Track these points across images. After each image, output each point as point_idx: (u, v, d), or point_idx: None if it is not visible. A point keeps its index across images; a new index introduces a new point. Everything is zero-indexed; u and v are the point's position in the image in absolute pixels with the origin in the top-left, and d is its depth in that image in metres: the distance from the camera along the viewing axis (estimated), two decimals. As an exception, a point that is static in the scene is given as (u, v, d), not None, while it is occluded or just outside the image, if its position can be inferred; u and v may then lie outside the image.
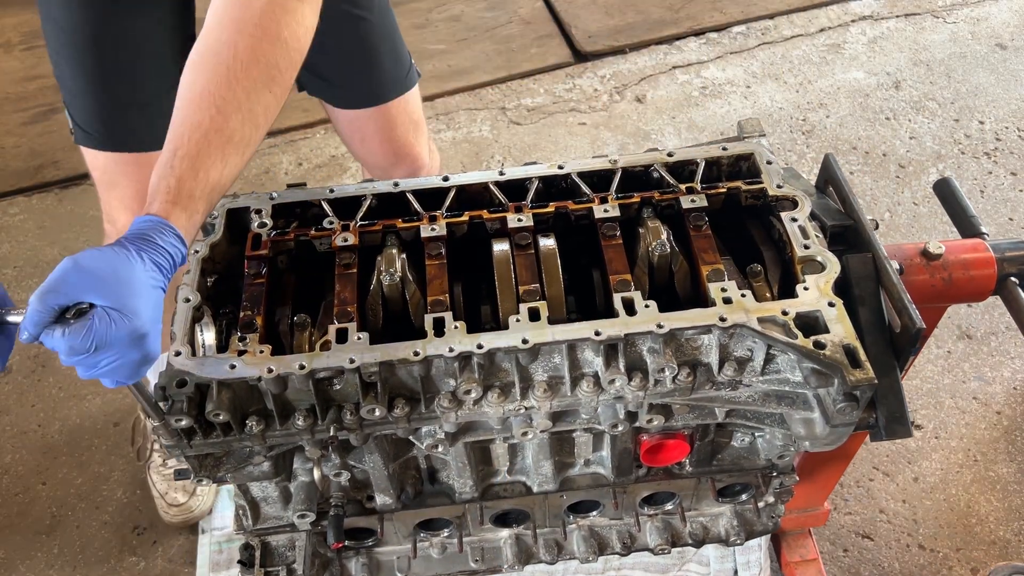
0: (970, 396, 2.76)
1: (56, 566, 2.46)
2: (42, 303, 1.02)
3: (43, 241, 3.34)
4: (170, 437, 1.22)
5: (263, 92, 1.25)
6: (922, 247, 1.53)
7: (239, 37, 1.25)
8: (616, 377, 1.25)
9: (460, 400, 1.26)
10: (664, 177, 1.45)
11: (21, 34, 4.27)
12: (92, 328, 1.02)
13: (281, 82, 1.28)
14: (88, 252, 1.08)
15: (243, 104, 1.22)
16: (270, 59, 1.25)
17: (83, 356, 1.03)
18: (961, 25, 4.06)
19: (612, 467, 1.52)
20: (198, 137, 1.19)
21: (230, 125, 1.21)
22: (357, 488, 1.51)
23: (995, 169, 3.43)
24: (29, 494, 2.61)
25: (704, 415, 1.37)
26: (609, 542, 1.69)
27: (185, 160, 1.18)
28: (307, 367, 1.21)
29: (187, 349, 1.23)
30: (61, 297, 1.02)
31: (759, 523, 1.69)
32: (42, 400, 2.84)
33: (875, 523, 2.48)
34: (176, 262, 1.14)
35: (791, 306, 1.25)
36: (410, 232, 1.42)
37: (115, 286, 1.05)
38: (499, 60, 3.99)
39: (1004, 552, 2.43)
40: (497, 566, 1.69)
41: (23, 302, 1.04)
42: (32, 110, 3.88)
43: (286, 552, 1.57)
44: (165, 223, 1.14)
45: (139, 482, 2.61)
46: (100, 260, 1.07)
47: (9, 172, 3.61)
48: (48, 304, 1.02)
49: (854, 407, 1.20)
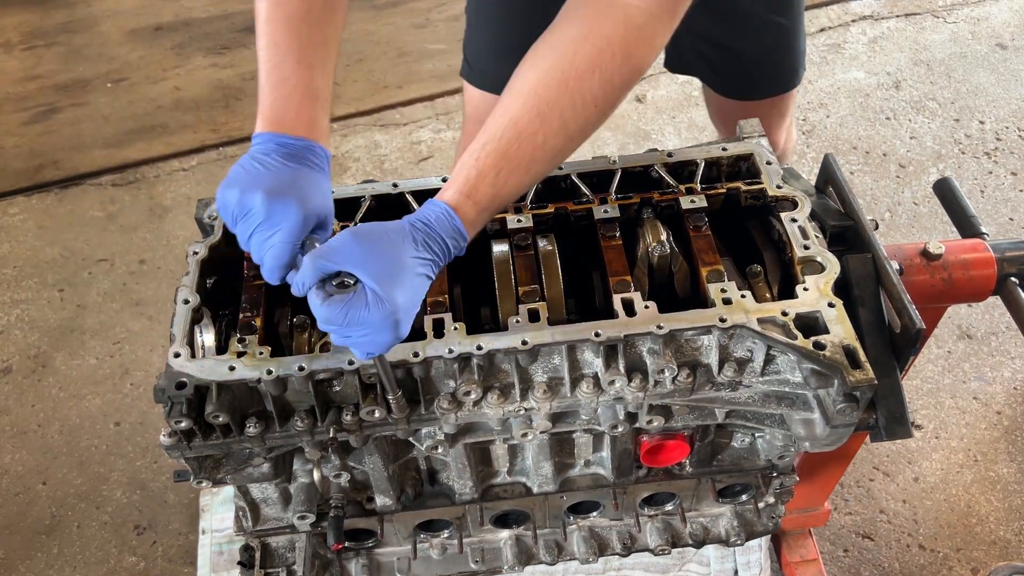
0: (970, 396, 2.75)
1: (56, 566, 2.46)
2: (313, 265, 1.07)
3: (43, 241, 3.34)
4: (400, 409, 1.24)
5: (589, 106, 1.19)
6: (922, 247, 1.53)
7: (583, 44, 1.18)
8: (616, 378, 1.24)
9: (460, 401, 1.26)
10: (664, 177, 1.45)
11: (21, 34, 4.27)
12: (349, 305, 1.06)
13: (610, 100, 1.21)
14: (369, 226, 1.12)
15: (565, 114, 1.18)
16: (607, 74, 1.18)
17: (336, 327, 1.07)
18: (961, 25, 4.06)
19: (612, 468, 1.52)
20: (511, 136, 1.17)
21: (545, 132, 1.17)
22: (357, 489, 1.51)
23: (995, 169, 3.42)
24: (29, 494, 2.61)
25: (704, 416, 1.37)
26: (609, 543, 1.69)
27: (491, 156, 1.16)
28: (306, 368, 1.21)
29: (186, 351, 1.23)
30: (330, 264, 1.07)
31: (759, 523, 1.68)
32: (42, 400, 2.84)
33: (875, 523, 2.48)
34: (451, 254, 1.14)
35: (791, 307, 1.25)
36: (410, 233, 1.42)
37: (382, 267, 1.07)
38: (499, 60, 3.99)
39: (1004, 552, 2.43)
40: (497, 567, 1.69)
41: (23, 301, 1.04)
42: (32, 110, 3.88)
43: (286, 553, 1.57)
44: (451, 213, 1.14)
45: (139, 482, 2.61)
46: (376, 238, 1.10)
47: (9, 172, 3.61)
48: (317, 267, 1.07)
49: (854, 408, 1.20)
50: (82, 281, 3.19)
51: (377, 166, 3.57)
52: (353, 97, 3.86)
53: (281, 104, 1.22)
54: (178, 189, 3.52)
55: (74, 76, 4.04)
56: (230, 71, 4.03)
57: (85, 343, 2.98)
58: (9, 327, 3.03)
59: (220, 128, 3.76)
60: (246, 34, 4.22)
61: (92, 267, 3.23)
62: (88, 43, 4.21)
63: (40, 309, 3.09)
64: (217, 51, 4.14)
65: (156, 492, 2.59)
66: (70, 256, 3.28)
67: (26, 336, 3.01)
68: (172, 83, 3.99)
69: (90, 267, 3.24)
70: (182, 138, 3.72)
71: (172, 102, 3.90)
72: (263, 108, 1.23)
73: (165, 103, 3.89)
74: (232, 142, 3.70)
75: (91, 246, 3.31)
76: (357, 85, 3.92)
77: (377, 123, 3.76)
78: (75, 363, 2.93)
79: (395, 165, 3.57)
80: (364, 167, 3.56)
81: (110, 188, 3.55)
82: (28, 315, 3.07)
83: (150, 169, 3.62)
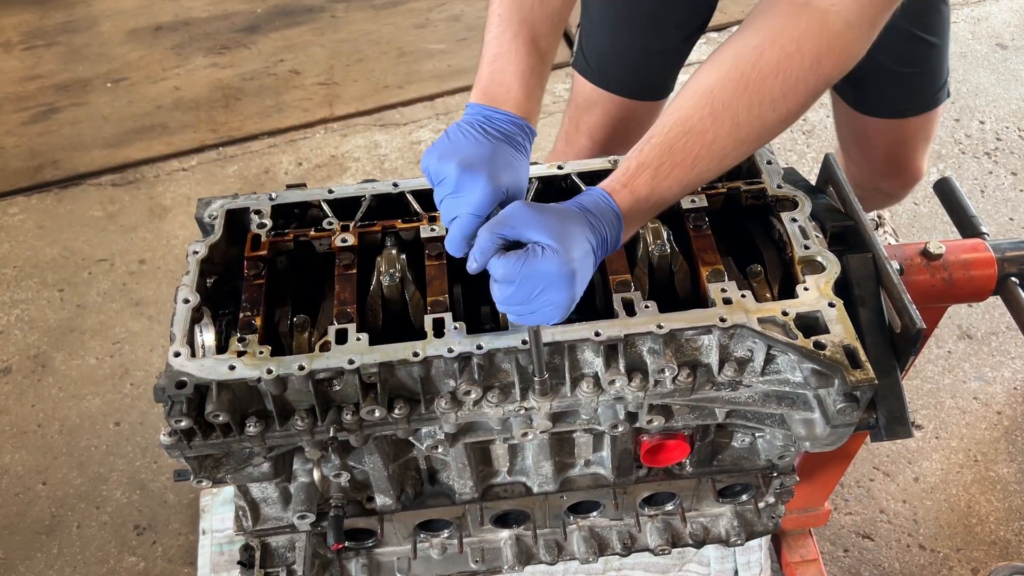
0: (970, 396, 2.75)
1: (56, 566, 2.46)
2: (490, 234, 1.08)
3: (43, 241, 3.34)
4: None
5: (767, 110, 1.15)
6: (922, 247, 1.53)
7: (769, 47, 1.14)
8: (616, 378, 1.24)
9: (460, 401, 1.26)
10: (664, 177, 1.45)
11: (21, 34, 4.27)
12: (526, 256, 1.06)
13: (792, 107, 1.17)
14: (533, 203, 1.12)
15: (740, 115, 1.15)
16: (792, 79, 1.14)
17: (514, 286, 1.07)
18: (961, 25, 4.06)
19: (612, 468, 1.52)
20: (678, 132, 1.15)
21: (716, 131, 1.15)
22: (357, 489, 1.51)
23: (995, 169, 3.42)
24: (29, 494, 2.61)
25: (704, 415, 1.37)
26: (609, 543, 1.69)
27: (656, 149, 1.16)
28: (307, 368, 1.21)
29: (186, 350, 1.23)
30: (507, 230, 1.08)
31: (759, 523, 1.68)
32: (42, 400, 2.84)
33: (875, 523, 2.48)
34: (608, 240, 1.14)
35: (791, 306, 1.25)
36: (410, 232, 1.42)
37: (555, 227, 1.08)
38: (499, 60, 3.99)
39: (1004, 552, 2.43)
40: (497, 567, 1.69)
41: (23, 301, 1.04)
42: (32, 110, 3.88)
43: (286, 553, 1.57)
44: (607, 197, 1.15)
45: (139, 482, 2.61)
46: (547, 209, 1.11)
47: (9, 172, 3.61)
48: (495, 233, 1.07)
49: (854, 407, 1.20)
50: (82, 281, 3.19)
51: (377, 166, 3.57)
52: (353, 97, 3.86)
53: (494, 78, 1.24)
54: (178, 189, 3.52)
55: (74, 76, 4.04)
56: (230, 71, 4.03)
57: (85, 343, 2.98)
58: (9, 327, 3.03)
59: (220, 128, 3.76)
60: (246, 34, 4.22)
61: (92, 267, 3.23)
62: (88, 43, 4.21)
63: (40, 309, 3.09)
64: (217, 51, 4.14)
65: (156, 492, 2.59)
66: (70, 256, 3.28)
67: (26, 336, 3.01)
68: (172, 83, 3.99)
69: (90, 267, 3.24)
70: (182, 138, 3.72)
71: (172, 102, 3.90)
72: (479, 79, 1.26)
73: (165, 103, 3.89)
74: (232, 142, 3.70)
75: (91, 246, 3.31)
76: (357, 85, 3.92)
77: (377, 123, 3.76)
78: (75, 363, 2.93)
79: (395, 165, 3.57)
80: (364, 167, 3.56)
81: (110, 188, 3.55)
82: (28, 315, 3.07)
83: (150, 169, 3.62)
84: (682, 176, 1.17)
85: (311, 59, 4.06)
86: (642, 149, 1.17)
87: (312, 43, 4.15)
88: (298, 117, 3.77)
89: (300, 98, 3.87)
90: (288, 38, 4.18)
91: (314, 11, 4.32)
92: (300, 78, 3.97)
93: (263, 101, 3.87)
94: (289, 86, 3.93)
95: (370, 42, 4.13)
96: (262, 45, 4.15)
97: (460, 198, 1.12)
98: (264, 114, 3.81)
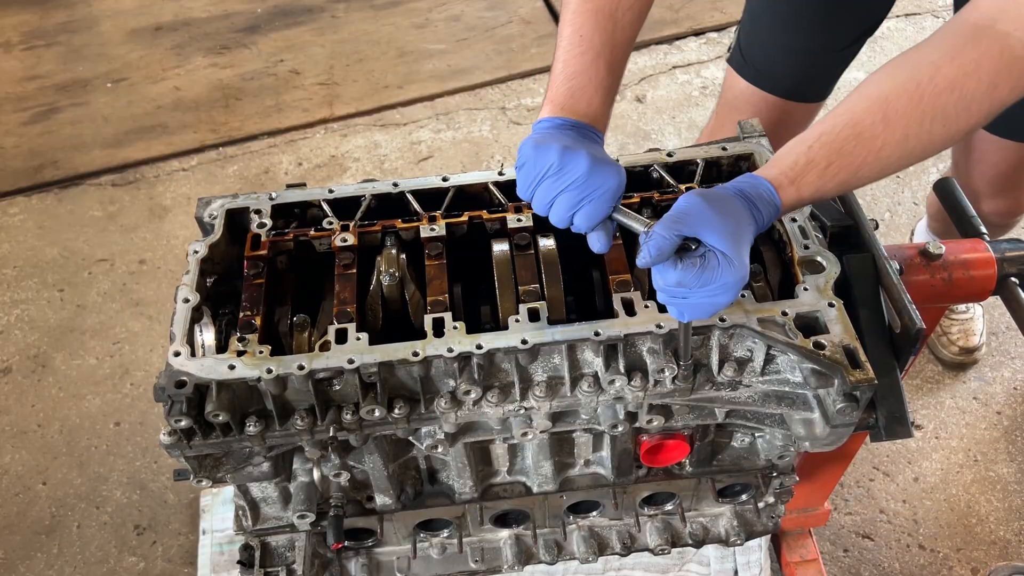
0: (970, 396, 2.75)
1: (56, 566, 2.46)
2: (668, 231, 1.05)
3: (43, 241, 3.34)
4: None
5: (937, 125, 1.15)
6: (922, 247, 1.53)
7: (947, 63, 1.14)
8: (616, 377, 1.25)
9: (460, 400, 1.26)
10: (664, 177, 1.45)
11: (21, 34, 4.27)
12: (707, 266, 1.05)
13: (961, 126, 1.16)
14: (714, 192, 1.11)
15: (910, 126, 1.14)
16: (968, 97, 1.13)
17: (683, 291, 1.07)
18: None
19: (612, 467, 1.52)
20: (847, 135, 1.15)
21: (885, 139, 1.14)
22: (357, 488, 1.51)
23: (995, 169, 3.42)
24: (29, 494, 2.61)
25: (704, 415, 1.37)
26: (609, 542, 1.69)
27: (825, 148, 1.15)
28: (306, 368, 1.21)
29: (186, 349, 1.23)
30: (685, 228, 1.06)
31: (759, 523, 1.68)
32: (42, 400, 2.84)
33: (875, 523, 2.48)
34: (758, 232, 1.14)
35: (791, 306, 1.25)
36: (410, 232, 1.42)
37: (729, 230, 1.07)
38: (499, 60, 3.99)
39: (1004, 552, 2.43)
40: (497, 566, 1.69)
41: (23, 301, 1.04)
42: (32, 110, 3.88)
43: (286, 552, 1.57)
44: (773, 192, 1.14)
45: (139, 482, 2.61)
46: (722, 203, 1.09)
47: (9, 172, 3.61)
48: (673, 232, 1.05)
49: (854, 407, 1.20)
50: (82, 281, 3.19)
51: (377, 166, 3.57)
52: (353, 97, 3.87)
53: (574, 94, 1.25)
54: (178, 189, 3.52)
55: (74, 76, 4.04)
56: (230, 71, 4.03)
57: (85, 343, 2.98)
58: (9, 327, 3.03)
59: (220, 128, 3.76)
60: (246, 34, 4.22)
61: (92, 267, 3.23)
62: (88, 43, 4.21)
63: (40, 309, 3.09)
64: (217, 51, 4.14)
65: (156, 492, 2.59)
66: (70, 256, 3.28)
67: (26, 336, 3.01)
68: (172, 83, 3.99)
69: (90, 267, 3.24)
70: (182, 138, 3.72)
71: (172, 102, 3.90)
72: (555, 94, 1.26)
73: (165, 103, 3.89)
74: (232, 142, 3.70)
75: (91, 246, 3.31)
76: (357, 85, 3.92)
77: (377, 123, 3.77)
78: (75, 363, 2.93)
79: (395, 165, 3.57)
80: (364, 167, 3.56)
81: (110, 188, 3.55)
82: (28, 315, 3.07)
83: (150, 169, 3.62)
84: (845, 179, 1.16)
85: (311, 59, 4.06)
86: (811, 145, 1.15)
87: (312, 43, 4.15)
88: (298, 117, 3.77)
89: (300, 98, 3.88)
90: (288, 38, 4.18)
91: (314, 11, 4.32)
92: (300, 78, 3.97)
93: (263, 101, 3.87)
94: (289, 86, 3.93)
95: (370, 42, 4.14)
96: (262, 45, 4.15)
97: (590, 191, 1.11)
98: (264, 114, 3.81)
